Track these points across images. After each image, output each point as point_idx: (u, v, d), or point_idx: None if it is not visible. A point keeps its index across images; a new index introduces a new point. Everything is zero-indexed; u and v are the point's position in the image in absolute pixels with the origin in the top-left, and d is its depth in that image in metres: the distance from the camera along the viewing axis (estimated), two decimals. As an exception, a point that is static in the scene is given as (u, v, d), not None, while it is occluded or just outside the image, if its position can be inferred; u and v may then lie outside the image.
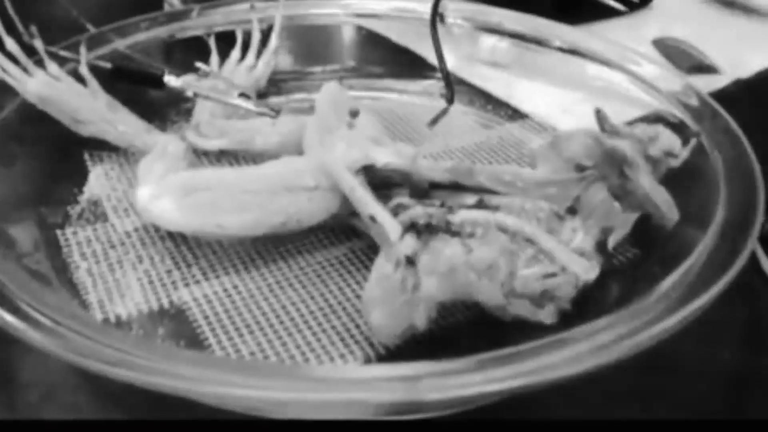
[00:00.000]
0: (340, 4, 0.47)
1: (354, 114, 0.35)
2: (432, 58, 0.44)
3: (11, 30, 0.35)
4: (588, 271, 0.27)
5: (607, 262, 0.29)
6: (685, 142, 0.31)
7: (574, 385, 0.23)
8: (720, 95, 0.40)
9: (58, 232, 0.32)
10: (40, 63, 0.35)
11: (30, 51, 0.35)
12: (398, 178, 0.31)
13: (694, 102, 0.35)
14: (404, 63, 0.46)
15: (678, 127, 0.33)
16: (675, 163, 0.31)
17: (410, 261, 0.26)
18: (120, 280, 0.30)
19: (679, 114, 0.35)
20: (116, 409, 0.26)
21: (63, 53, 0.37)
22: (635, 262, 0.31)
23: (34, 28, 0.35)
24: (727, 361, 0.28)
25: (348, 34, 0.48)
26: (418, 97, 0.44)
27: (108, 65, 0.37)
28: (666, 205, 0.29)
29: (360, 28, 0.48)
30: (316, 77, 0.45)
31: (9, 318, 0.23)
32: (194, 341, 0.27)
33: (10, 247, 0.29)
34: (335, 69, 0.46)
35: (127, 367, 0.22)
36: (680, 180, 0.31)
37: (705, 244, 0.27)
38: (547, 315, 0.27)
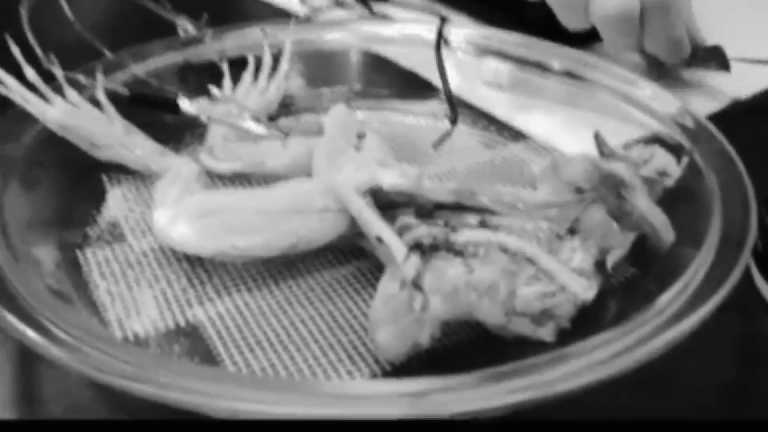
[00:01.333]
0: (348, 29, 0.48)
1: (361, 136, 0.37)
2: (436, 81, 0.46)
3: (30, 57, 0.37)
4: (587, 290, 0.28)
5: (606, 281, 0.30)
6: (680, 162, 0.32)
7: (571, 402, 0.24)
8: (718, 117, 0.41)
9: (78, 252, 0.33)
10: (59, 89, 0.36)
11: (48, 76, 0.36)
12: (404, 198, 0.32)
13: (689, 123, 0.36)
14: (410, 86, 0.47)
15: (674, 148, 0.34)
16: (669, 182, 0.32)
17: (417, 286, 0.27)
18: (137, 299, 0.31)
19: (675, 135, 0.36)
20: (118, 409, 0.27)
21: (81, 79, 0.38)
22: (633, 281, 0.32)
23: (53, 56, 0.36)
24: (721, 374, 0.29)
25: (355, 58, 0.49)
26: (423, 118, 0.45)
27: (125, 91, 0.39)
28: (662, 226, 0.30)
29: (367, 52, 0.49)
30: (325, 100, 0.46)
31: (32, 334, 0.24)
32: (208, 357, 0.28)
33: (33, 267, 0.30)
34: (343, 91, 0.47)
35: (145, 382, 0.23)
36: (676, 201, 0.32)
37: (700, 262, 0.28)
38: (547, 333, 0.28)
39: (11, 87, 0.36)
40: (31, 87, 0.36)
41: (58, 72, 0.37)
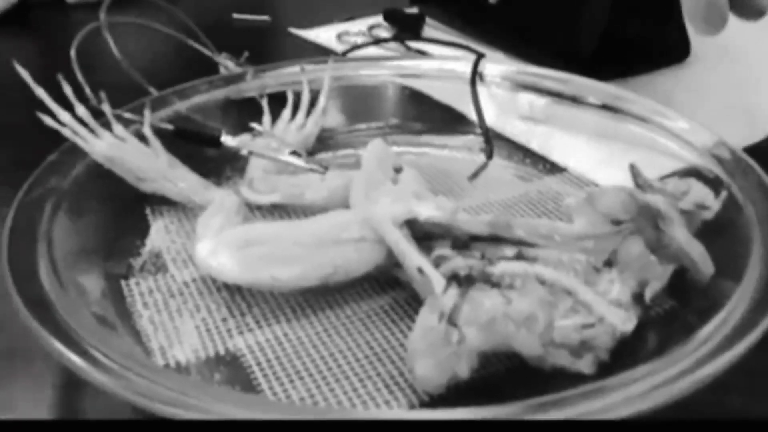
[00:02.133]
0: (385, 65, 0.50)
1: (398, 170, 0.37)
2: (472, 115, 0.46)
3: (79, 95, 0.38)
4: (626, 321, 0.28)
5: (644, 313, 0.29)
6: (717, 195, 0.32)
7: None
8: (754, 149, 0.41)
9: (123, 282, 0.34)
10: (107, 125, 0.38)
11: (96, 113, 0.38)
12: (440, 230, 0.32)
13: (726, 155, 0.36)
14: (445, 120, 0.48)
15: (712, 181, 0.34)
16: (708, 215, 0.31)
17: (452, 322, 0.27)
18: (179, 328, 0.32)
19: (712, 168, 0.36)
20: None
21: (128, 115, 0.39)
22: (672, 313, 0.31)
23: (103, 94, 0.38)
24: (761, 408, 0.28)
25: (392, 93, 0.50)
26: (458, 152, 0.46)
27: (169, 127, 0.40)
28: (701, 259, 0.30)
29: (403, 87, 0.50)
30: (362, 134, 0.47)
31: (78, 361, 0.25)
32: (248, 386, 0.29)
33: (80, 296, 0.31)
34: (380, 126, 0.48)
35: (186, 408, 0.23)
36: (715, 233, 0.32)
37: (740, 294, 0.27)
38: (585, 365, 0.28)
39: (64, 121, 0.37)
40: (81, 123, 0.37)
41: (107, 109, 0.38)
